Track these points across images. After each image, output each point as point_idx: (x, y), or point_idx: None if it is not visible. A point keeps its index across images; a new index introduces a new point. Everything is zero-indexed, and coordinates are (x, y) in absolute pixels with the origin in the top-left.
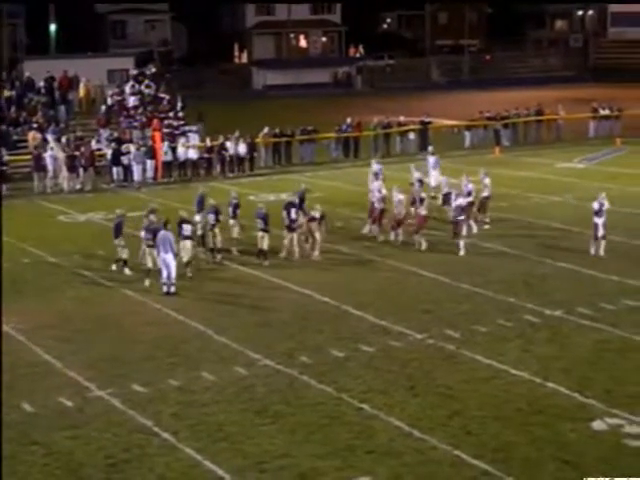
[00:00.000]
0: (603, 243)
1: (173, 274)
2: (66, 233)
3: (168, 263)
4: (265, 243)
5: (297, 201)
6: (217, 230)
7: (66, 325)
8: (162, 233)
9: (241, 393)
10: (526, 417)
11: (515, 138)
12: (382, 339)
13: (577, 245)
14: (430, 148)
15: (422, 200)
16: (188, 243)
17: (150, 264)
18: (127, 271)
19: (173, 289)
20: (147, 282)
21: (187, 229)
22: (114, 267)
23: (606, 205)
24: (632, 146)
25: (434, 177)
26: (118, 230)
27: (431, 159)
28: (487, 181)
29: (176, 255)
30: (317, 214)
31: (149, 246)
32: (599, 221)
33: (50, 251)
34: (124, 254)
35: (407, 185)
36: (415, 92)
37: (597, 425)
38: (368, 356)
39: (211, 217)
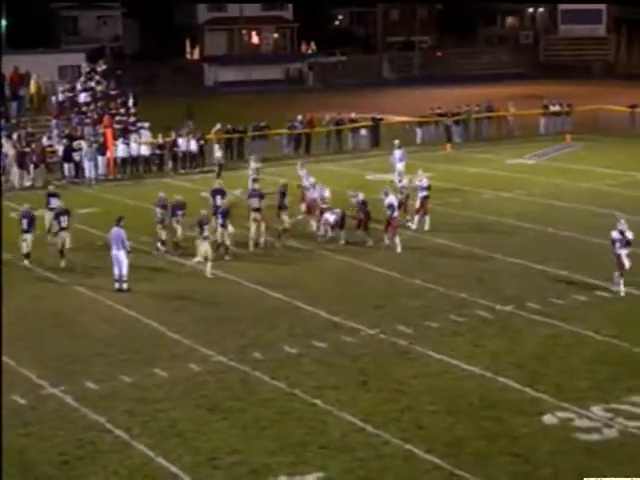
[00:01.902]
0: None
1: (124, 271)
2: (18, 230)
3: (120, 260)
4: (226, 238)
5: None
6: (167, 224)
7: (19, 322)
8: (115, 230)
9: (194, 389)
10: (477, 411)
11: (466, 134)
12: (334, 335)
13: (527, 241)
14: (397, 142)
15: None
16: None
17: (25, 249)
18: (27, 263)
19: (125, 286)
20: (26, 262)
21: (54, 202)
22: (26, 262)
23: (629, 234)
24: (582, 142)
25: (399, 170)
26: (29, 224)
27: (397, 152)
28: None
29: (129, 252)
30: (257, 204)
31: (24, 231)
32: (622, 252)
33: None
34: (29, 247)
35: (358, 181)
36: (367, 88)
37: (548, 419)
38: (320, 352)
39: (174, 212)
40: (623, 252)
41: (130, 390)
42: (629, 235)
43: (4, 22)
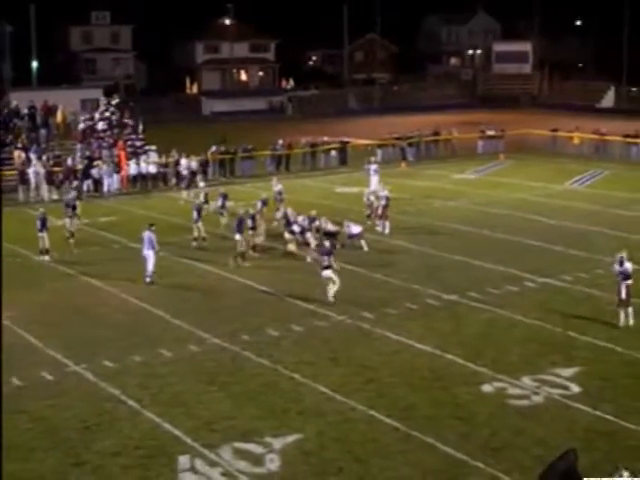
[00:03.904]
0: (630, 310)
1: (151, 267)
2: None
3: (149, 258)
4: (254, 239)
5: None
6: (200, 224)
7: (47, 313)
8: (147, 233)
9: (194, 366)
10: (428, 382)
11: (418, 154)
12: (310, 320)
13: (469, 241)
14: (372, 158)
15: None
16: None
17: (41, 245)
18: (47, 258)
19: (151, 279)
20: (44, 257)
21: (72, 194)
22: (46, 258)
23: (628, 265)
24: (513, 160)
25: (374, 182)
26: (42, 224)
27: (372, 167)
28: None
29: (157, 252)
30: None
31: (39, 230)
32: (623, 284)
33: (33, 251)
34: (46, 244)
35: (329, 193)
36: (336, 117)
37: (486, 388)
38: (298, 334)
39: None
40: (624, 284)
41: (140, 367)
42: (629, 266)
43: (35, 63)
